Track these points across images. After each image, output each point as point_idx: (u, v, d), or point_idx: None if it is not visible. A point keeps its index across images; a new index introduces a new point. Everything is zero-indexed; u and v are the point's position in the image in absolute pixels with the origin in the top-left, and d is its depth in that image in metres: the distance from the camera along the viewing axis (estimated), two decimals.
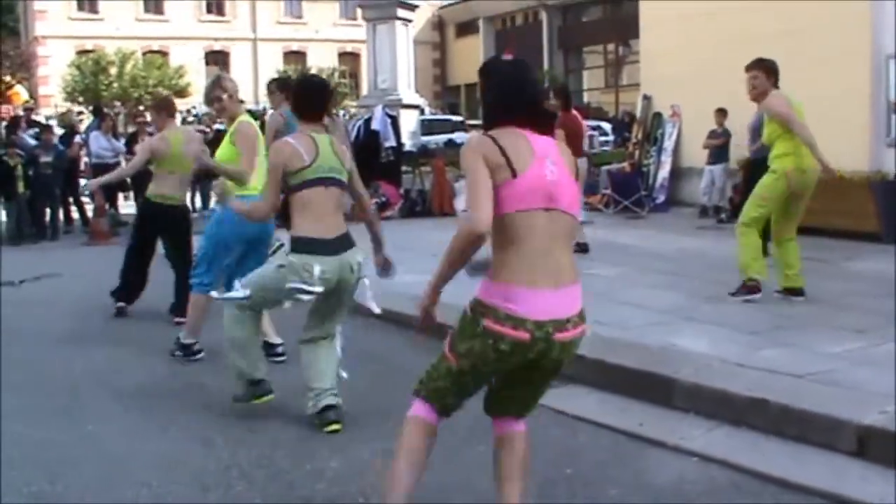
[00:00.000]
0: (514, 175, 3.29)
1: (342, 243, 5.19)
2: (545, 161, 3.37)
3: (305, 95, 5.43)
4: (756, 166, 8.83)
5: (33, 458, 4.88)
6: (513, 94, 3.51)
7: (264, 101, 40.73)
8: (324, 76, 43.44)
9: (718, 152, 14.34)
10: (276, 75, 34.61)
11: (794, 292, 7.77)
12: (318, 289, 5.09)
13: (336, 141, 5.47)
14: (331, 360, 5.36)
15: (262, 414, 5.50)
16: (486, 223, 3.22)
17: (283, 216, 5.69)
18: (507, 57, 3.71)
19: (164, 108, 8.46)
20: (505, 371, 3.52)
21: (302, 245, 5.11)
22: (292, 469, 4.67)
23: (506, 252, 3.33)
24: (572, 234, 3.54)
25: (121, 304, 8.53)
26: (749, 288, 7.75)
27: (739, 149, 12.22)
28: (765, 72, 7.83)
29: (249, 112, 7.76)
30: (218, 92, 6.73)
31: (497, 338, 3.31)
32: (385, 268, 5.49)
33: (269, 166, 5.23)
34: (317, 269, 5.04)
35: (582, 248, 10.37)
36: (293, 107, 5.55)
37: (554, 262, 3.34)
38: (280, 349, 6.68)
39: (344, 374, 5.43)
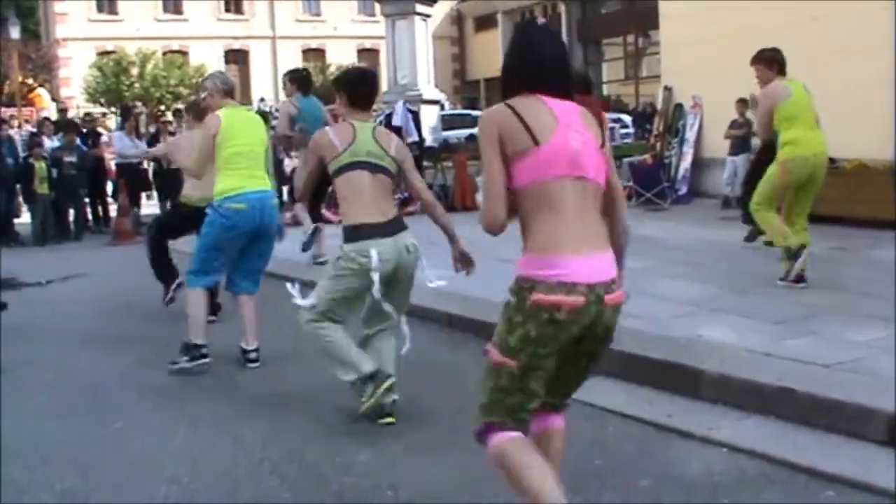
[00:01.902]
0: (537, 143, 3.16)
1: (394, 226, 5.18)
2: (569, 129, 3.22)
3: (358, 87, 5.44)
4: (765, 150, 8.83)
5: (65, 455, 4.94)
6: (534, 60, 3.36)
7: (283, 98, 40.96)
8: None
9: (740, 143, 14.25)
10: None
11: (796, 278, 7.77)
12: (375, 276, 5.02)
13: (381, 131, 5.45)
14: (386, 353, 5.33)
15: (291, 408, 5.53)
16: (503, 215, 3.13)
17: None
18: (541, 20, 3.55)
19: (192, 112, 8.61)
20: (565, 348, 3.24)
21: (355, 233, 5.09)
22: (323, 463, 4.69)
23: (538, 222, 3.18)
24: (600, 202, 3.33)
25: (177, 281, 8.23)
26: (794, 254, 7.79)
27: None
28: (764, 63, 7.94)
29: (261, 112, 7.84)
30: (200, 92, 7.00)
31: (552, 309, 3.10)
32: (462, 261, 5.28)
33: (305, 155, 5.27)
34: (374, 253, 5.00)
35: None
36: (347, 97, 5.43)
37: (588, 227, 3.22)
38: (252, 355, 6.57)
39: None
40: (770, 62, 7.88)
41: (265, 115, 16.15)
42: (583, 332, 3.22)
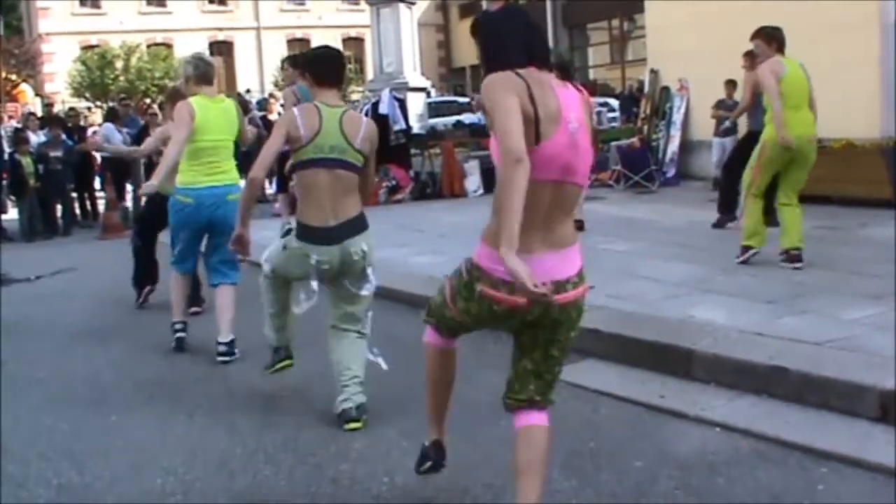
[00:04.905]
0: (537, 141, 3.10)
1: (347, 230, 5.06)
2: (569, 125, 3.18)
3: (321, 63, 5.33)
4: (748, 137, 8.84)
5: (61, 449, 4.93)
6: (513, 41, 3.33)
7: (270, 88, 40.82)
8: None
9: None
10: (280, 63, 34.49)
11: (790, 257, 7.82)
12: (314, 282, 5.13)
13: (351, 117, 5.24)
14: (352, 353, 5.20)
15: (285, 397, 5.53)
16: (521, 150, 2.97)
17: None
18: (495, 6, 3.48)
19: (175, 99, 8.44)
20: (504, 328, 3.51)
21: (301, 231, 5.11)
22: (318, 451, 4.70)
23: None
24: (575, 202, 3.36)
25: (147, 288, 8.56)
26: (744, 250, 8.11)
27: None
28: (764, 39, 7.94)
29: (241, 99, 7.71)
30: (180, 80, 7.09)
31: (490, 302, 3.26)
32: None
33: (274, 129, 5.21)
34: (313, 259, 5.04)
35: (579, 227, 10.33)
36: (311, 74, 5.37)
37: (552, 228, 3.23)
38: (221, 348, 6.46)
39: (383, 366, 5.36)
40: (770, 38, 7.90)
41: (245, 105, 16.11)
42: (524, 326, 3.36)
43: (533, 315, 3.27)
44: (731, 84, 13.83)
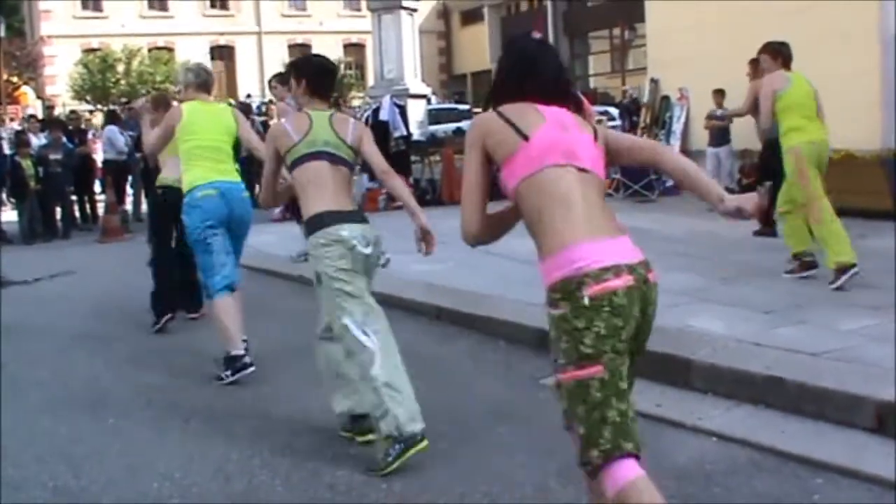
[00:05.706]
0: (527, 138, 3.02)
1: (359, 216, 4.92)
2: (556, 123, 3.09)
3: (320, 76, 5.23)
4: (771, 146, 8.80)
5: (57, 452, 4.94)
6: (528, 72, 3.24)
7: (269, 94, 40.92)
8: None
9: (721, 134, 14.17)
10: (281, 68, 34.54)
11: (805, 265, 7.83)
12: (359, 247, 4.72)
13: (339, 117, 5.15)
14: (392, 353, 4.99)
15: (282, 402, 5.53)
16: (475, 229, 3.13)
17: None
18: (535, 35, 3.47)
19: (162, 105, 8.27)
20: (633, 327, 2.99)
21: (317, 221, 4.76)
22: (314, 456, 4.70)
23: (546, 217, 2.98)
24: (602, 194, 3.12)
25: (168, 315, 7.80)
26: (805, 265, 7.88)
27: (743, 130, 12.11)
28: (770, 54, 7.97)
29: (242, 104, 7.68)
30: (177, 86, 6.89)
31: (609, 296, 2.87)
32: (424, 237, 5.02)
33: (265, 150, 5.18)
34: (344, 232, 4.68)
35: None
36: (308, 84, 5.21)
37: (597, 216, 3.01)
38: (247, 359, 6.16)
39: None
40: (775, 54, 7.92)
41: (247, 108, 16.18)
42: (641, 314, 3.03)
43: (642, 296, 2.99)
44: (719, 93, 13.82)
